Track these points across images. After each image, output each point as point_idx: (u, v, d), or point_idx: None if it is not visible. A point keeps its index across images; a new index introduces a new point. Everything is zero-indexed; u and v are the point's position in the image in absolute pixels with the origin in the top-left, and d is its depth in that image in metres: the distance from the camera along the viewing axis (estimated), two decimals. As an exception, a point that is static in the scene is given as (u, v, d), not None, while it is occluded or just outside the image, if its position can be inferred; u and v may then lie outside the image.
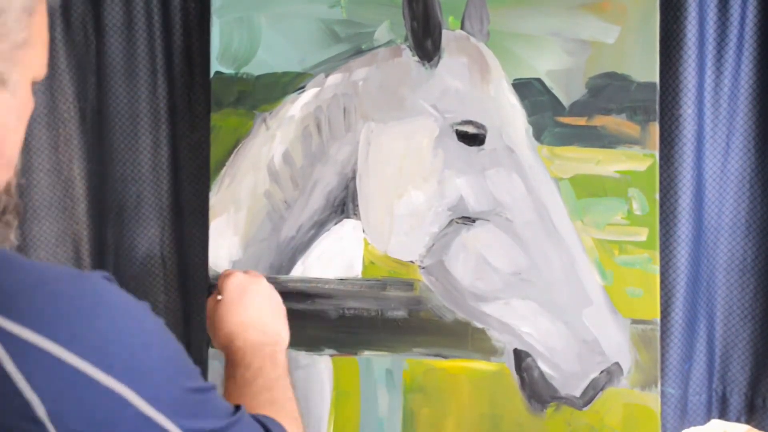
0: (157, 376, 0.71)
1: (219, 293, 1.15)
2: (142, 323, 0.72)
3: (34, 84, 0.80)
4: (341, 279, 1.29)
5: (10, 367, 0.64)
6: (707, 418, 1.33)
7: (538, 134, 1.25)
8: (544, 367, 1.23)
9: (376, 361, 1.29)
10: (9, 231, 0.82)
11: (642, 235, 1.23)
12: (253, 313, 1.12)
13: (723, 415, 1.33)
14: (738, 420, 1.33)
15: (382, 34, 1.28)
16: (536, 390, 1.24)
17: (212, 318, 1.13)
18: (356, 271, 1.29)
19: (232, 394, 1.00)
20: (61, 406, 0.65)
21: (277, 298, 1.17)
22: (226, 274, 1.16)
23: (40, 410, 0.64)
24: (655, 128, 1.23)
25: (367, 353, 1.29)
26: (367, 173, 1.27)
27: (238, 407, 0.80)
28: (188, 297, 1.41)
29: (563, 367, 1.23)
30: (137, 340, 0.70)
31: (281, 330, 1.14)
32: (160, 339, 0.73)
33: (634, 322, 1.22)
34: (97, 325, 0.68)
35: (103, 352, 0.67)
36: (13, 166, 0.80)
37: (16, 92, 0.76)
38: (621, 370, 1.22)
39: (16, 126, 0.78)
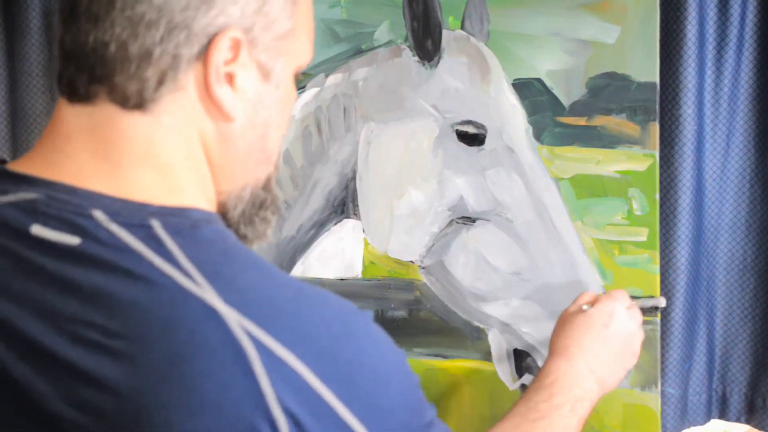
0: (392, 420, 0.69)
1: (590, 303, 1.09)
2: (387, 359, 0.70)
3: (297, 75, 0.78)
4: (341, 279, 1.29)
5: (265, 382, 0.62)
6: (707, 418, 1.33)
7: (538, 134, 1.25)
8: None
9: (376, 361, 1.29)
10: (266, 227, 0.80)
11: (642, 235, 1.23)
12: (604, 350, 1.04)
13: (723, 415, 1.33)
14: (738, 420, 1.33)
15: (382, 34, 1.29)
16: None
17: (564, 321, 1.07)
18: (356, 271, 1.29)
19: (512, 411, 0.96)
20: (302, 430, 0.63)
21: (636, 350, 1.08)
22: (613, 296, 1.09)
23: (284, 429, 0.62)
24: (655, 128, 1.23)
25: (367, 353, 1.29)
26: (367, 173, 1.27)
27: None
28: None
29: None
30: (380, 378, 0.68)
31: (612, 384, 1.06)
32: (400, 377, 0.71)
33: (634, 322, 1.22)
34: (346, 356, 0.66)
35: (348, 383, 0.65)
36: (273, 161, 0.78)
37: (280, 84, 0.74)
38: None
39: (279, 120, 0.76)
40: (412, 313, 1.28)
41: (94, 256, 0.65)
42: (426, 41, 1.26)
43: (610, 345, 1.05)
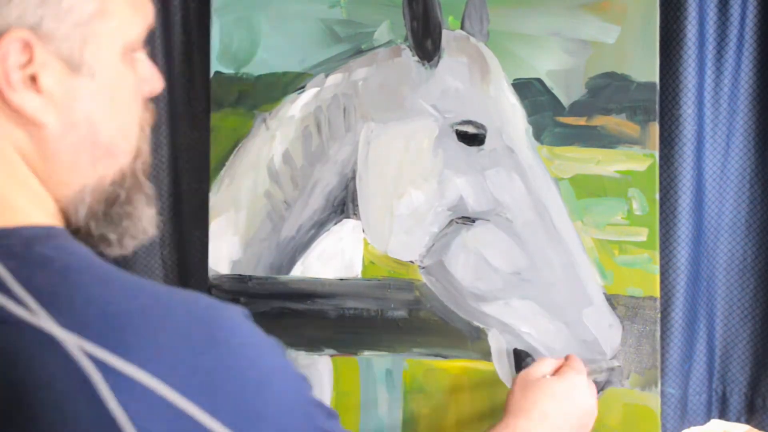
0: (270, 426, 0.64)
1: (553, 373, 1.10)
2: (259, 362, 0.65)
3: (133, 54, 0.71)
4: (341, 279, 1.29)
5: (114, 406, 0.58)
6: (707, 418, 1.33)
7: (538, 134, 1.25)
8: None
9: (376, 361, 1.29)
10: (136, 222, 0.74)
11: (642, 235, 1.23)
12: (565, 422, 1.04)
13: (723, 415, 1.33)
14: (738, 420, 1.33)
15: (382, 34, 1.28)
16: None
17: (525, 384, 1.07)
18: (356, 271, 1.29)
19: None
20: None
21: (589, 427, 1.08)
22: (576, 368, 1.10)
23: None
24: (655, 128, 1.23)
25: (367, 353, 1.29)
26: (367, 173, 1.27)
27: None
28: (188, 297, 1.41)
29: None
30: (251, 383, 0.63)
31: None
32: (278, 381, 0.66)
33: (634, 322, 1.22)
34: (208, 365, 0.61)
35: (212, 393, 0.61)
36: (120, 154, 0.72)
37: (96, 73, 0.68)
38: (621, 370, 1.22)
39: (109, 111, 0.70)
40: (412, 313, 1.28)
41: None
42: (426, 41, 1.26)
43: (570, 417, 1.05)
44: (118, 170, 0.72)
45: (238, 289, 1.30)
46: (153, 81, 0.77)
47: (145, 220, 0.75)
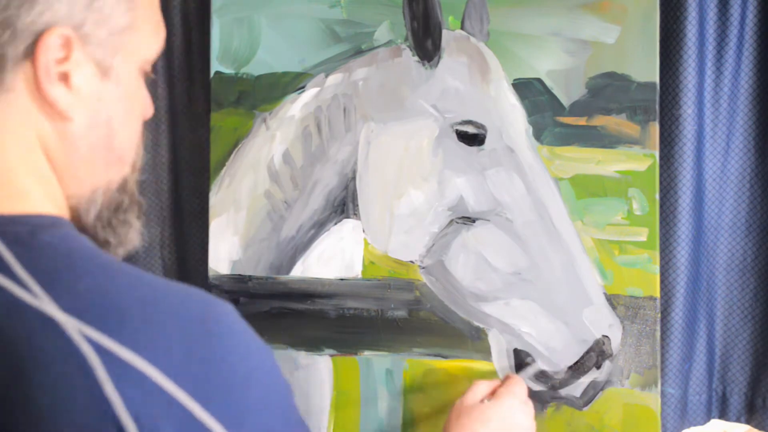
0: (254, 422, 0.65)
1: (489, 397, 1.10)
2: (249, 359, 0.66)
3: (146, 75, 0.75)
4: (341, 279, 1.29)
5: (110, 389, 0.60)
6: (707, 418, 1.33)
7: (538, 134, 1.25)
8: (544, 367, 1.23)
9: (376, 361, 1.29)
10: (129, 231, 0.77)
11: (642, 235, 1.23)
12: None
13: (723, 415, 1.33)
14: (738, 420, 1.33)
15: (382, 34, 1.29)
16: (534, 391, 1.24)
17: (460, 412, 1.08)
18: (356, 271, 1.29)
19: None
20: None
21: None
22: (512, 391, 1.11)
23: None
24: (655, 128, 1.23)
25: (367, 353, 1.29)
26: (367, 173, 1.27)
27: None
28: (188, 297, 1.41)
29: (563, 367, 1.23)
30: (240, 377, 0.65)
31: None
32: (266, 380, 0.68)
33: (634, 322, 1.22)
34: (201, 354, 0.63)
35: (204, 383, 0.63)
36: (127, 162, 0.75)
37: (121, 81, 0.72)
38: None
39: (126, 119, 0.73)
40: (412, 313, 1.28)
41: None
42: (426, 41, 1.26)
43: None
44: (122, 178, 0.75)
45: (238, 289, 1.30)
46: (149, 104, 0.80)
47: (134, 231, 0.78)
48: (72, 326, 0.61)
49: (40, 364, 0.60)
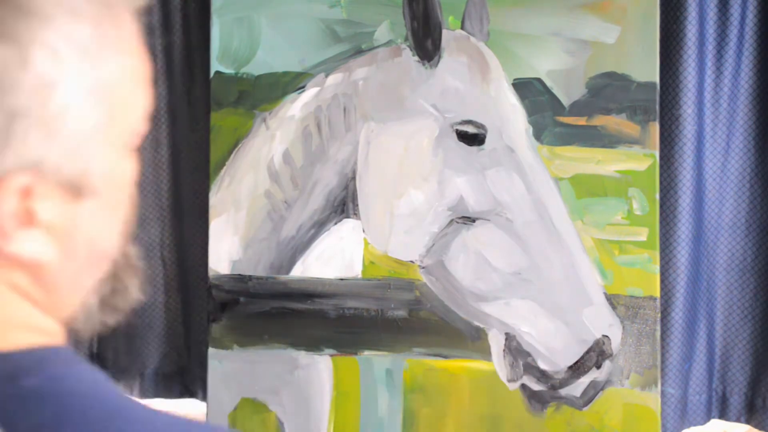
0: None
1: None
2: None
3: (138, 137, 0.60)
4: (341, 279, 1.29)
5: None
6: (707, 418, 1.33)
7: (538, 134, 1.25)
8: (544, 367, 1.23)
9: (376, 361, 1.29)
10: (122, 297, 0.64)
11: (642, 235, 1.23)
12: None
13: (723, 415, 1.33)
14: (738, 420, 1.33)
15: (382, 34, 1.29)
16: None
17: None
18: (356, 271, 1.29)
19: None
20: None
21: None
22: None
23: None
24: (655, 128, 1.23)
25: (367, 353, 1.29)
26: (367, 173, 1.27)
27: None
28: (188, 297, 1.41)
29: (563, 367, 1.23)
30: None
31: None
32: None
33: (634, 322, 1.22)
34: None
35: None
36: (115, 252, 0.61)
37: (97, 191, 0.56)
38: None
39: (109, 222, 0.61)
40: (412, 313, 1.28)
41: None
42: (426, 41, 1.26)
43: None
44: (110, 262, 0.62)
45: (238, 289, 1.30)
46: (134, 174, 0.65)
47: (133, 290, 0.65)
48: None
49: None
